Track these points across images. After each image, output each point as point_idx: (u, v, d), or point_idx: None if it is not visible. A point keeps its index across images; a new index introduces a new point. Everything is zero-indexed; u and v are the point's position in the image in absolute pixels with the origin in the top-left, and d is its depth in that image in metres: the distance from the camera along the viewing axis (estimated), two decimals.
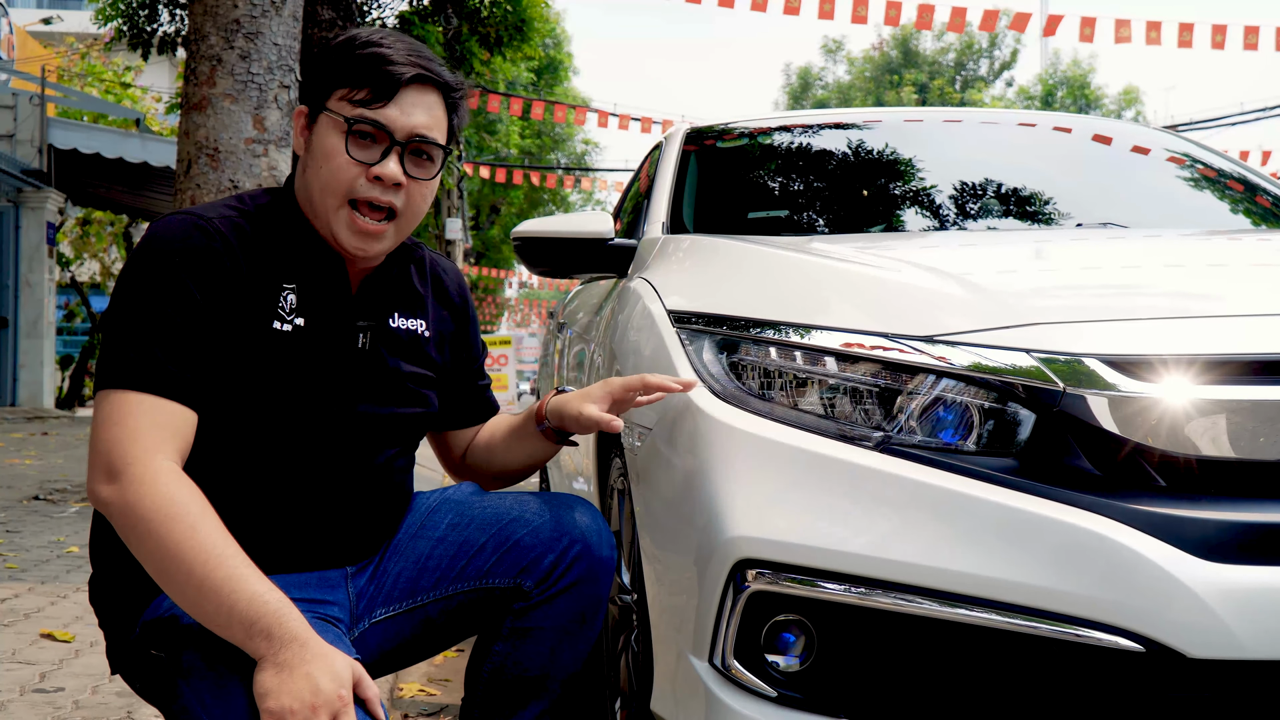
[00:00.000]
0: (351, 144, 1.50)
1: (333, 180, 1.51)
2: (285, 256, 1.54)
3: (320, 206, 1.53)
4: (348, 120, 1.50)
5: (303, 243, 1.56)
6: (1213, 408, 1.41)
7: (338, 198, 1.51)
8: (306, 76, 1.58)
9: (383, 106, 1.50)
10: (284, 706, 1.28)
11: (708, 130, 3.18)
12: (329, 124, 1.52)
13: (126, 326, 1.42)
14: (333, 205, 1.52)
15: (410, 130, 1.52)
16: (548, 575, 1.62)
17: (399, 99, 1.51)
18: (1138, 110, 30.66)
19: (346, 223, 1.52)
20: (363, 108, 1.50)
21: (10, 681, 2.58)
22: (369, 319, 1.60)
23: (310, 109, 1.56)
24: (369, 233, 1.53)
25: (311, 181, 1.53)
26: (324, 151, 1.51)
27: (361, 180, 1.51)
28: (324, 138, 1.52)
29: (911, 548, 1.42)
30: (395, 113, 1.51)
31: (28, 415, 12.71)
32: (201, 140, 4.62)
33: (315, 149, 1.53)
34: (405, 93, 1.52)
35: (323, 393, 1.55)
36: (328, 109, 1.52)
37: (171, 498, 1.35)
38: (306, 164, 1.55)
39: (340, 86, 1.52)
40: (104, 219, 17.88)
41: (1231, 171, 2.95)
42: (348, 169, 1.50)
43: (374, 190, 1.51)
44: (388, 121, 1.51)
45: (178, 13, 10.30)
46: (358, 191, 1.51)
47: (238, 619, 1.31)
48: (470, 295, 1.81)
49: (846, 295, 1.74)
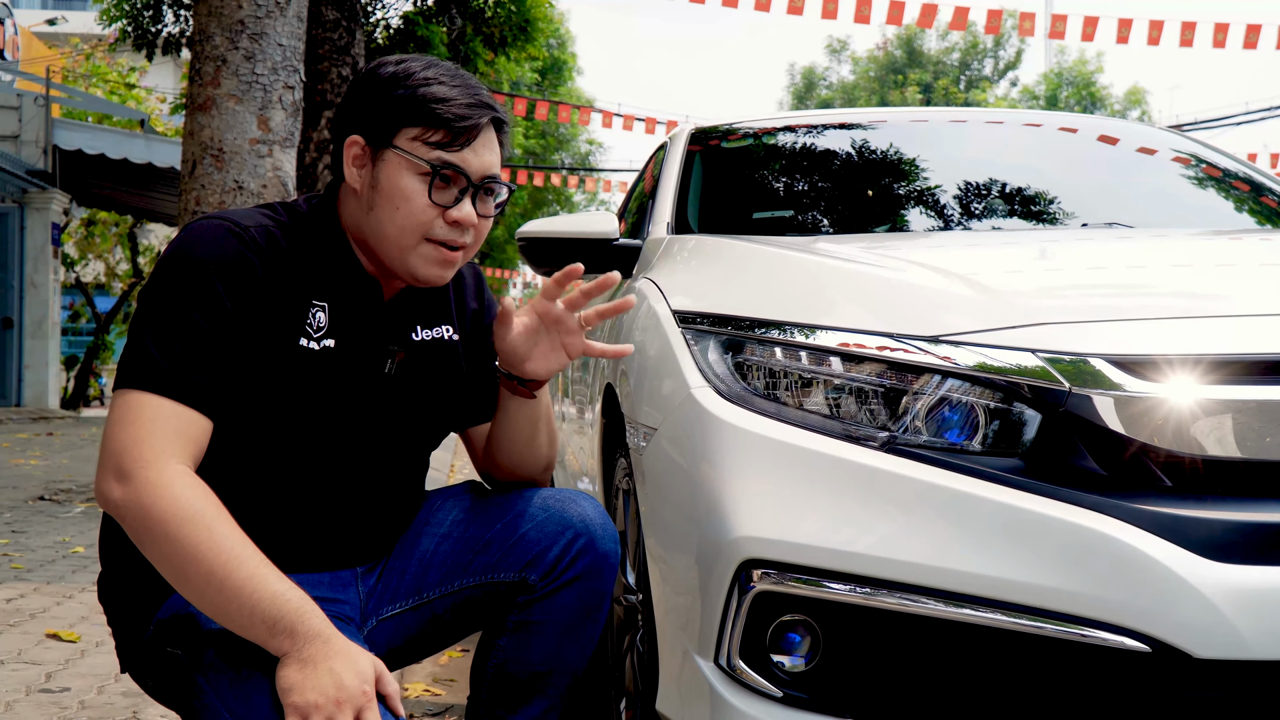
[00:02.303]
0: (435, 189, 1.51)
1: (411, 222, 1.51)
2: (319, 274, 1.54)
3: (395, 245, 1.52)
4: (431, 165, 1.50)
5: (341, 264, 1.56)
6: (1219, 408, 1.41)
7: (415, 238, 1.52)
8: (357, 104, 1.55)
9: (459, 150, 1.51)
10: (309, 701, 1.29)
11: (712, 130, 3.18)
12: (402, 165, 1.50)
13: (152, 328, 1.42)
14: (410, 243, 1.52)
15: (483, 172, 1.53)
16: (552, 569, 1.62)
17: (473, 143, 1.52)
18: (1143, 110, 30.62)
19: (430, 257, 1.53)
20: (440, 150, 1.50)
21: (16, 681, 2.58)
22: (396, 340, 1.61)
23: (369, 142, 1.53)
24: (449, 262, 1.55)
25: (385, 220, 1.52)
26: (401, 193, 1.50)
27: (439, 222, 1.52)
28: (397, 178, 1.51)
29: (917, 548, 1.42)
30: (471, 156, 1.52)
31: (33, 415, 12.74)
32: (206, 141, 4.63)
33: (386, 188, 1.51)
34: (479, 135, 1.53)
35: (346, 412, 1.55)
36: (398, 148, 1.50)
37: (186, 500, 1.35)
38: (373, 202, 1.52)
39: (410, 125, 1.50)
40: (109, 220, 17.92)
41: (1237, 171, 2.95)
42: (428, 212, 1.51)
43: (452, 233, 1.53)
44: (464, 165, 1.51)
45: (182, 13, 10.32)
46: (435, 233, 1.52)
47: (260, 618, 1.32)
48: (489, 291, 1.80)
49: (852, 295, 1.74)
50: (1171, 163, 3.01)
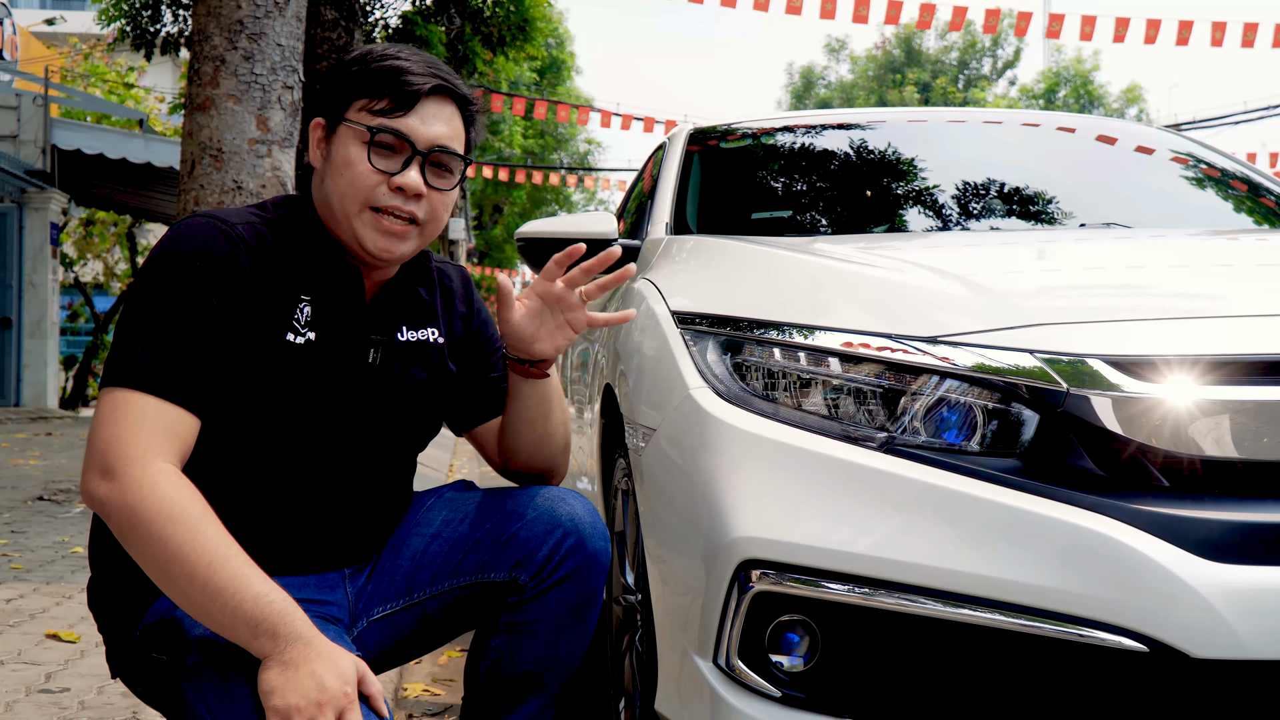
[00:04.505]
0: (374, 154, 1.51)
1: (353, 188, 1.51)
2: (303, 267, 1.54)
3: (341, 213, 1.53)
4: (370, 130, 1.50)
5: (322, 253, 1.56)
6: (1216, 408, 1.41)
7: (359, 204, 1.52)
8: (322, 89, 1.58)
9: (403, 116, 1.51)
10: (290, 704, 1.29)
11: (711, 130, 3.18)
12: (349, 134, 1.52)
13: (139, 326, 1.42)
14: (354, 210, 1.52)
15: (431, 140, 1.53)
16: (542, 568, 1.62)
17: (419, 109, 1.52)
18: (1140, 109, 30.63)
19: (371, 224, 1.52)
20: (383, 117, 1.51)
21: (16, 682, 2.58)
22: (380, 333, 1.61)
23: (328, 121, 1.56)
24: (394, 233, 1.53)
25: (331, 190, 1.53)
26: (345, 160, 1.52)
27: (383, 189, 1.51)
28: (344, 147, 1.52)
29: (915, 548, 1.43)
30: (416, 123, 1.52)
31: (31, 416, 12.73)
32: (205, 141, 4.63)
33: (335, 158, 1.53)
34: (425, 103, 1.53)
35: (330, 406, 1.55)
36: (347, 119, 1.52)
37: (171, 499, 1.35)
38: (325, 174, 1.54)
39: (359, 97, 1.52)
40: (107, 219, 17.89)
41: (1235, 171, 2.95)
42: (369, 177, 1.51)
43: (395, 199, 1.52)
44: (408, 131, 1.51)
45: (180, 13, 10.32)
46: (379, 200, 1.52)
47: (243, 619, 1.32)
48: (477, 295, 1.80)
49: (850, 296, 1.74)
50: (1170, 163, 3.02)
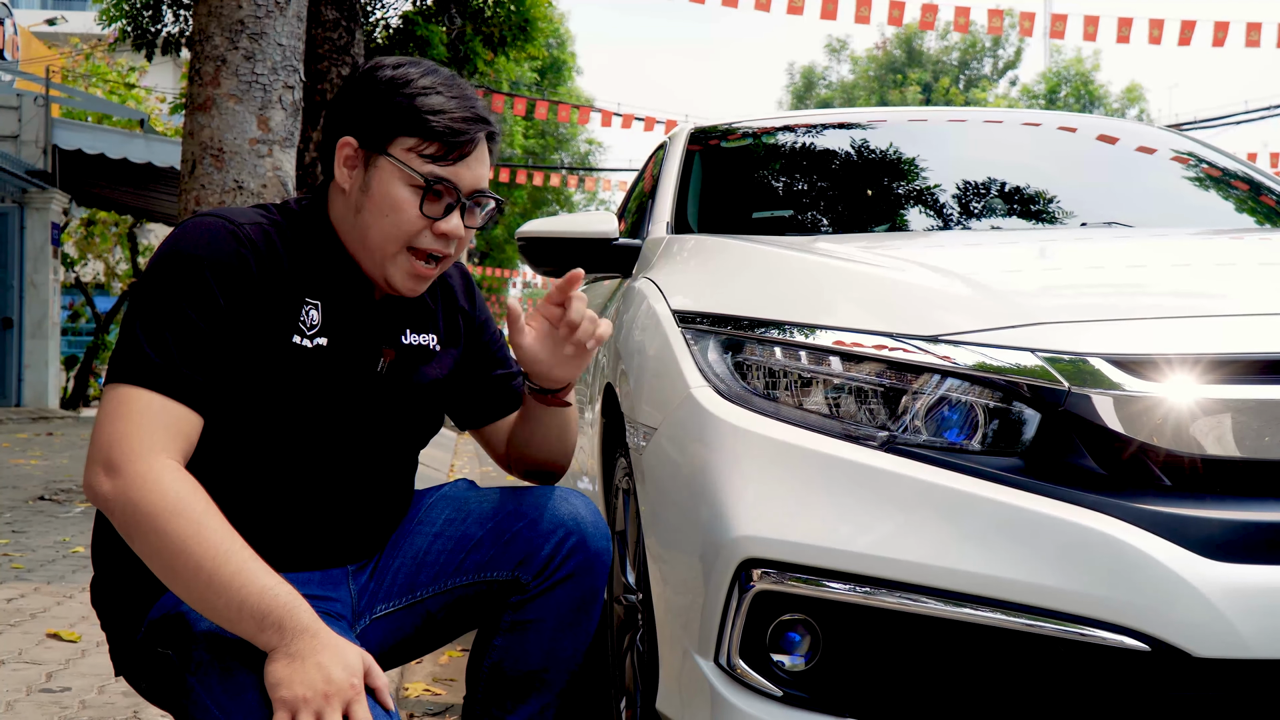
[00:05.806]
0: (426, 201, 1.51)
1: (397, 231, 1.52)
2: (312, 272, 1.54)
3: (377, 249, 1.53)
4: (425, 179, 1.50)
5: (333, 263, 1.56)
6: (1218, 407, 1.41)
7: (398, 245, 1.53)
8: (352, 106, 1.55)
9: (452, 164, 1.52)
10: (297, 695, 1.29)
11: (712, 130, 3.18)
12: (396, 174, 1.51)
13: (145, 323, 1.42)
14: (391, 251, 1.53)
15: (473, 185, 1.54)
16: (544, 567, 1.62)
17: (467, 158, 1.53)
18: (1141, 108, 30.60)
19: (406, 269, 1.54)
20: (434, 164, 1.51)
21: (17, 681, 2.59)
22: (387, 339, 1.61)
23: (363, 146, 1.53)
24: (424, 276, 1.56)
25: (370, 226, 1.52)
26: (390, 201, 1.51)
27: (427, 234, 1.53)
28: (391, 186, 1.51)
29: (917, 547, 1.43)
30: (464, 170, 1.53)
31: (33, 415, 12.74)
32: (206, 141, 4.63)
33: (378, 195, 1.52)
34: (473, 151, 1.54)
35: (337, 409, 1.56)
36: (392, 156, 1.51)
37: (175, 493, 1.35)
38: (363, 206, 1.53)
39: (406, 135, 1.50)
40: (108, 219, 17.90)
41: (1236, 171, 2.95)
42: (417, 223, 1.52)
43: (436, 243, 1.54)
44: (456, 179, 1.52)
45: (182, 13, 10.31)
46: (421, 243, 1.53)
47: (249, 613, 1.32)
48: (478, 293, 1.81)
49: (851, 295, 1.74)
50: (1171, 162, 3.02)
